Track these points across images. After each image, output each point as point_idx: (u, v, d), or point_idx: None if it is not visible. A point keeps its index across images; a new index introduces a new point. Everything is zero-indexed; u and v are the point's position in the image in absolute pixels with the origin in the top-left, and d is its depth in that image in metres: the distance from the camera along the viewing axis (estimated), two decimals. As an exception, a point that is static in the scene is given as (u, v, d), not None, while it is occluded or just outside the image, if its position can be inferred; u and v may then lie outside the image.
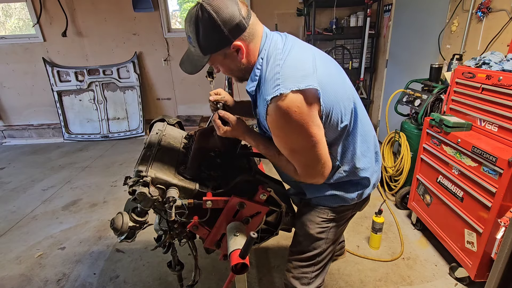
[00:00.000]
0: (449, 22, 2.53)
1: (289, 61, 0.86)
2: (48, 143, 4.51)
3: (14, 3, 4.43)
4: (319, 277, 1.23)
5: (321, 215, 1.13)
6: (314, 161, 0.92)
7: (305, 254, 1.18)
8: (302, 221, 1.18)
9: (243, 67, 0.93)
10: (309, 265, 1.19)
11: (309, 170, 0.95)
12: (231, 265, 0.89)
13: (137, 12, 4.18)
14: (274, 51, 0.89)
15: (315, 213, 1.14)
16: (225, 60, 0.92)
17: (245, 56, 0.90)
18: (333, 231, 1.16)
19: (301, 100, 0.82)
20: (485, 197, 1.50)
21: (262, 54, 0.90)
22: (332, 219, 1.14)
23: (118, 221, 0.98)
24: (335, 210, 1.13)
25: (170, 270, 1.31)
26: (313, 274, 1.20)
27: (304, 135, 0.85)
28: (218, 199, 1.03)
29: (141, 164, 1.01)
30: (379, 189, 2.75)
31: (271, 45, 0.91)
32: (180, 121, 1.51)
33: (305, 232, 1.17)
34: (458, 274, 1.76)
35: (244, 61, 0.91)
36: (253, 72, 0.92)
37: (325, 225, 1.14)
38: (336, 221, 1.15)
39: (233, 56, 0.90)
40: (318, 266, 1.20)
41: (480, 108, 1.68)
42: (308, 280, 1.21)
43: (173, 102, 4.77)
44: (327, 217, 1.13)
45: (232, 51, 0.88)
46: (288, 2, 4.16)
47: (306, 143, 0.87)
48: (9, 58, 4.40)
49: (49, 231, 2.35)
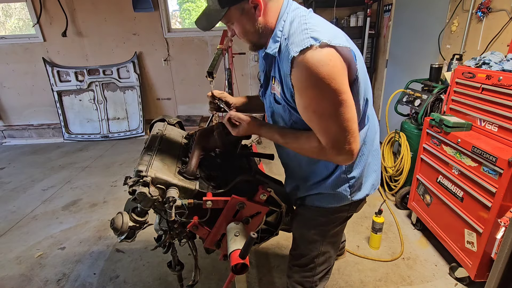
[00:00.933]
0: (449, 22, 2.53)
1: (318, 22, 0.82)
2: (48, 143, 4.51)
3: (14, 3, 4.43)
4: (322, 281, 1.22)
5: (316, 217, 1.11)
6: (343, 129, 0.82)
7: (304, 257, 1.17)
8: (298, 224, 1.17)
9: (259, 28, 0.88)
10: (310, 269, 1.18)
11: (337, 141, 0.84)
12: (231, 265, 0.89)
13: (137, 12, 4.18)
14: (298, 15, 0.85)
15: (310, 215, 1.13)
16: (241, 17, 0.87)
17: (263, 15, 0.86)
18: (329, 232, 1.14)
19: (334, 54, 0.76)
20: (485, 197, 1.50)
21: (284, 17, 0.86)
22: (327, 221, 1.11)
23: (118, 221, 0.98)
24: (330, 211, 1.09)
25: (170, 270, 1.31)
26: (315, 278, 1.19)
27: (335, 94, 0.77)
28: (218, 199, 1.03)
29: (141, 164, 1.01)
30: (379, 189, 2.75)
31: (295, 10, 0.87)
32: (181, 121, 1.51)
33: (301, 234, 1.17)
34: (458, 274, 1.76)
35: (261, 20, 0.87)
36: (275, 33, 0.87)
37: (321, 227, 1.12)
38: (331, 222, 1.12)
39: (250, 13, 0.86)
40: (319, 269, 1.19)
41: (480, 108, 1.68)
42: (310, 284, 1.20)
43: (173, 102, 4.77)
44: (322, 218, 1.11)
45: (250, 7, 0.84)
46: (288, 2, 4.15)
47: (336, 104, 0.78)
48: (9, 58, 4.40)
49: (49, 231, 2.35)
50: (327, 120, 0.82)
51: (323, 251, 1.16)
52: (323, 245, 1.15)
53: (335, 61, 0.76)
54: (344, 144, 0.84)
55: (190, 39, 4.43)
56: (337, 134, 0.83)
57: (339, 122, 0.81)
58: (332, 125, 0.82)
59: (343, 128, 0.82)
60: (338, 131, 0.82)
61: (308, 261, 1.17)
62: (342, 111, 0.80)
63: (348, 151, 0.85)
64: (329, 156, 0.88)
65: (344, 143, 0.84)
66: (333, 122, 0.81)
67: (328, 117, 0.81)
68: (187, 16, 4.81)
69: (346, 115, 0.80)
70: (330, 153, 0.86)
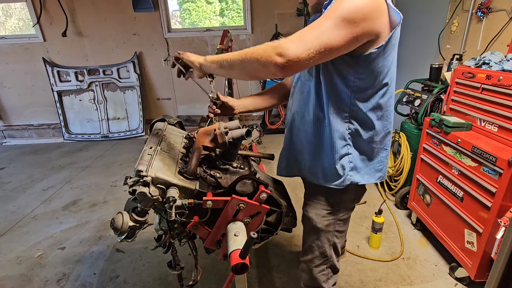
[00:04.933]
0: (449, 22, 2.53)
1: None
2: (48, 143, 4.51)
3: (14, 3, 4.43)
4: (334, 275, 1.24)
5: (325, 207, 1.13)
6: (309, 37, 0.77)
7: (317, 250, 1.19)
8: (308, 216, 1.19)
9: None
10: (324, 262, 1.20)
11: (292, 37, 0.79)
12: (231, 265, 0.89)
13: (137, 12, 4.18)
14: None
15: (319, 206, 1.14)
16: None
17: None
18: (339, 222, 1.16)
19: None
20: (485, 197, 1.50)
21: None
22: (336, 211, 1.14)
23: (118, 221, 0.98)
24: (336, 200, 1.12)
25: (170, 270, 1.31)
26: (329, 270, 1.22)
27: (347, 24, 0.76)
28: (218, 199, 1.03)
29: (141, 163, 1.01)
30: (379, 189, 2.75)
31: None
32: (181, 121, 1.51)
33: (312, 226, 1.18)
34: (458, 274, 1.76)
35: None
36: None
37: (331, 217, 1.14)
38: (339, 211, 1.14)
39: None
40: (331, 262, 1.21)
41: (480, 108, 1.68)
42: (326, 277, 1.22)
43: (173, 102, 4.78)
44: (332, 208, 1.13)
45: None
46: (288, 2, 4.16)
47: (335, 29, 0.77)
48: (9, 58, 4.40)
49: (49, 231, 2.35)
50: (309, 29, 0.79)
51: (334, 242, 1.18)
52: (335, 236, 1.17)
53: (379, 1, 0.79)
54: (292, 40, 0.78)
55: (190, 39, 4.43)
56: (300, 33, 0.78)
57: (312, 34, 0.78)
58: (303, 33, 0.78)
59: (311, 37, 0.77)
60: (302, 36, 0.78)
61: (321, 255, 1.20)
62: (329, 28, 0.77)
63: (286, 47, 0.77)
64: (268, 47, 0.79)
65: (293, 40, 0.78)
66: (307, 31, 0.79)
67: (311, 29, 0.79)
68: (187, 16, 4.81)
69: (325, 32, 0.77)
70: (273, 44, 0.79)
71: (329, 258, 1.20)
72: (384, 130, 1.05)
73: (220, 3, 4.70)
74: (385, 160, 1.12)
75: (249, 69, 0.87)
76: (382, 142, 1.08)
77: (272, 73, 0.81)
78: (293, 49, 0.76)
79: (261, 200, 1.06)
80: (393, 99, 1.06)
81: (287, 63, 0.77)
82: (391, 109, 1.05)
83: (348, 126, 1.01)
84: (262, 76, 0.94)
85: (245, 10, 4.25)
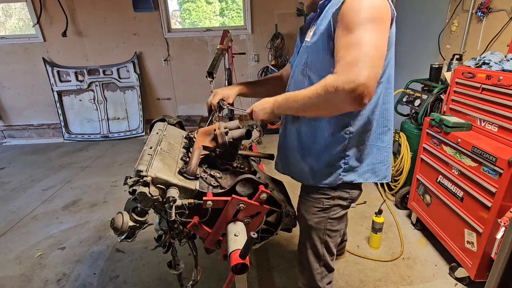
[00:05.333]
0: (449, 22, 2.53)
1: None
2: (48, 143, 4.50)
3: (14, 3, 4.43)
4: (329, 274, 1.25)
5: (315, 205, 1.14)
6: (365, 53, 0.78)
7: (310, 248, 1.20)
8: (300, 213, 1.21)
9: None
10: (317, 260, 1.21)
11: (352, 64, 0.78)
12: (231, 265, 0.89)
13: (137, 12, 4.18)
14: None
15: (310, 204, 1.16)
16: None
17: None
18: (331, 221, 1.16)
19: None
20: (485, 197, 1.50)
21: None
22: (326, 208, 1.13)
23: (118, 221, 0.98)
24: (329, 198, 1.11)
25: (170, 270, 1.31)
26: (323, 268, 1.22)
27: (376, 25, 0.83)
28: (218, 199, 1.03)
29: (141, 163, 1.01)
30: (379, 189, 2.75)
31: None
32: (181, 121, 1.51)
33: (305, 224, 1.19)
34: (458, 274, 1.76)
35: None
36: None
37: (322, 215, 1.14)
38: (330, 209, 1.14)
39: None
40: (324, 260, 1.21)
41: (480, 108, 1.68)
42: (321, 276, 1.23)
43: (173, 102, 4.78)
44: (322, 206, 1.13)
45: None
46: (288, 2, 4.16)
47: (372, 33, 0.81)
48: (9, 58, 4.40)
49: (49, 231, 2.35)
50: (355, 45, 0.80)
51: (325, 240, 1.18)
52: (326, 234, 1.17)
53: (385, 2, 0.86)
54: (357, 65, 0.77)
55: (190, 39, 4.43)
56: (355, 58, 0.79)
57: (366, 47, 0.79)
58: (355, 50, 0.79)
59: (366, 51, 0.79)
60: (358, 55, 0.79)
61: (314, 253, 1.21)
62: (372, 40, 0.80)
63: (359, 72, 0.76)
64: (340, 75, 0.79)
65: (357, 65, 0.77)
66: (358, 47, 0.79)
67: (356, 43, 0.80)
68: (187, 16, 4.81)
69: (372, 40, 0.80)
70: (341, 73, 0.79)
71: (322, 257, 1.20)
72: (382, 129, 1.05)
73: (220, 3, 4.70)
74: (386, 160, 1.11)
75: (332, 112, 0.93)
76: (381, 140, 1.07)
77: (362, 106, 0.82)
78: (366, 76, 0.77)
79: (261, 200, 1.06)
80: (391, 97, 1.06)
81: (370, 90, 0.78)
82: (387, 106, 1.05)
83: (342, 125, 1.01)
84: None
85: (245, 10, 4.26)
